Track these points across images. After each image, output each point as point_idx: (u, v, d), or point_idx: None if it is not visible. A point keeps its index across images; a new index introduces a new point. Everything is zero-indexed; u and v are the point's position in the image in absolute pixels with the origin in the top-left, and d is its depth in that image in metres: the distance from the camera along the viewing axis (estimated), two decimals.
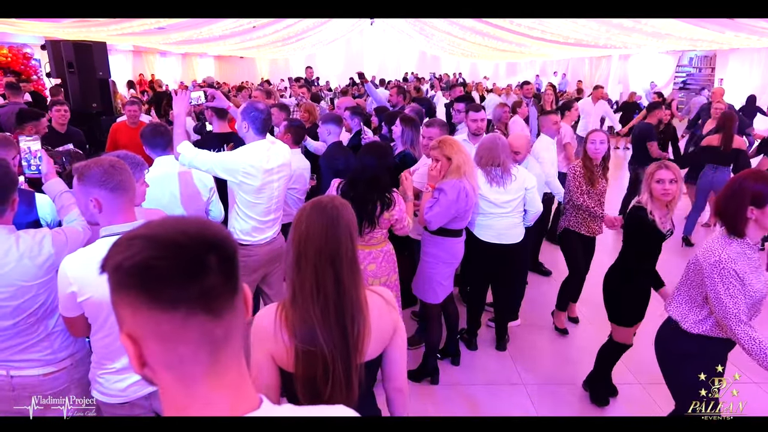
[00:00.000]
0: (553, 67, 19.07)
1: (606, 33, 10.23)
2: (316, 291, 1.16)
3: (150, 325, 0.56)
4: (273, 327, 1.17)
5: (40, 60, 10.79)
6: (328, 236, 1.18)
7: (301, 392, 1.16)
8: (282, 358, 1.17)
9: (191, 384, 0.58)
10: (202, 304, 0.56)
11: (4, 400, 1.60)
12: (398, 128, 3.39)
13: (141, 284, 0.55)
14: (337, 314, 1.17)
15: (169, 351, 0.57)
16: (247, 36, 13.29)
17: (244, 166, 2.31)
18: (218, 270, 0.57)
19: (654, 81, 13.74)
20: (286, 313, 1.18)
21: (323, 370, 1.15)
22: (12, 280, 1.50)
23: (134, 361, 0.58)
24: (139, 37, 11.63)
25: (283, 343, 1.16)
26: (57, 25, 8.70)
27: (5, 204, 1.53)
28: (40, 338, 1.60)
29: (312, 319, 1.15)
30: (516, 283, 3.44)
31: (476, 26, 11.83)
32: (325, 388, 1.15)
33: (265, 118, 2.41)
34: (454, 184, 2.55)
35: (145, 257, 0.54)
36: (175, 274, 0.54)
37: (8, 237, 1.53)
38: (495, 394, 2.80)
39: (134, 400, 1.58)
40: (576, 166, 3.22)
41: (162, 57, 17.14)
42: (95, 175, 1.45)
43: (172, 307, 0.55)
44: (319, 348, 1.14)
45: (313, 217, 1.20)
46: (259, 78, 19.72)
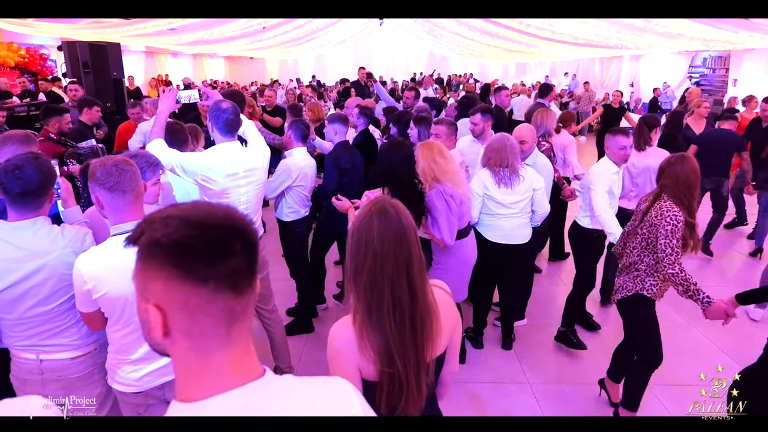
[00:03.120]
0: (563, 67, 18.94)
1: (617, 33, 10.13)
2: (392, 306, 1.14)
3: (180, 298, 0.61)
4: (357, 342, 1.16)
5: (56, 60, 11.01)
6: (402, 245, 1.15)
7: (384, 405, 1.17)
8: (366, 370, 1.18)
9: (207, 353, 0.63)
10: (230, 282, 0.61)
11: (33, 383, 1.67)
12: (413, 130, 3.50)
13: (177, 260, 0.60)
14: (412, 325, 1.16)
15: (193, 322, 0.62)
16: (257, 37, 13.39)
17: (202, 168, 2.22)
18: (242, 254, 0.62)
19: (666, 81, 13.60)
20: (364, 327, 1.16)
21: (399, 386, 1.16)
22: (55, 267, 1.58)
23: (158, 331, 0.62)
24: (152, 38, 11.79)
25: (368, 356, 1.16)
26: (73, 27, 8.86)
27: (45, 196, 1.61)
28: (69, 324, 1.67)
29: (388, 336, 1.14)
30: (522, 282, 3.45)
31: (485, 27, 11.79)
32: (400, 400, 1.17)
33: (228, 117, 2.28)
34: (436, 194, 2.47)
35: (183, 235, 0.60)
36: (208, 252, 0.60)
37: (53, 227, 1.63)
38: (500, 393, 2.81)
39: (148, 390, 1.63)
40: (676, 216, 2.16)
41: (173, 57, 17.36)
42: (96, 175, 1.52)
43: (203, 282, 0.60)
44: (395, 368, 1.15)
45: (384, 228, 1.15)
46: (269, 78, 19.86)
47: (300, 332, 3.41)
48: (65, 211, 1.94)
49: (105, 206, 1.55)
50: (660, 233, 2.18)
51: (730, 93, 11.57)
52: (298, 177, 3.17)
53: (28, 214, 1.58)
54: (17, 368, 1.68)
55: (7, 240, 1.56)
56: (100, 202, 1.54)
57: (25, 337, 1.63)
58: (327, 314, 3.72)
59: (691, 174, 2.21)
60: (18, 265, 1.55)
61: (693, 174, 2.21)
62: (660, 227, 2.18)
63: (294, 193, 3.22)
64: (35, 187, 1.55)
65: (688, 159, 2.25)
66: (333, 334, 1.21)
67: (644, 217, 2.29)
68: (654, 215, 2.23)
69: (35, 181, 1.54)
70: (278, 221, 3.38)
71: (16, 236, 1.56)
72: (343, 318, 1.22)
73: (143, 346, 1.58)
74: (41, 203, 1.60)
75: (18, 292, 1.57)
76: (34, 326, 1.62)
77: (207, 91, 2.64)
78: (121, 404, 1.70)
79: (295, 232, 3.32)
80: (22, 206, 1.57)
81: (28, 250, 1.56)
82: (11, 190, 1.53)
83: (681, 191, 2.19)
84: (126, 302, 1.51)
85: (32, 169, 1.54)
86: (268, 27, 12.18)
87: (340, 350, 1.18)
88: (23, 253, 1.55)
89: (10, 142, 2.21)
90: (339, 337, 1.19)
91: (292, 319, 3.52)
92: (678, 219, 2.15)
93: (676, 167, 2.22)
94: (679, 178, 2.20)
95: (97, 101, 4.55)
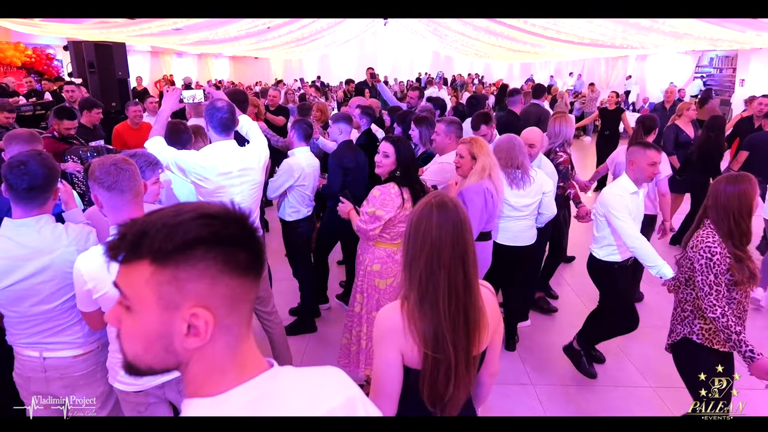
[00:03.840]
0: (568, 67, 18.86)
1: (622, 33, 10.07)
2: (448, 294, 1.16)
3: (226, 292, 0.61)
4: (402, 325, 1.17)
5: (62, 60, 11.09)
6: (459, 237, 1.18)
7: (426, 393, 1.18)
8: (409, 356, 1.19)
9: (237, 343, 0.64)
10: (259, 267, 0.63)
11: (37, 381, 1.67)
12: (415, 131, 3.47)
13: (225, 254, 0.59)
14: (465, 315, 1.18)
15: (234, 313, 0.62)
16: (261, 37, 13.43)
17: (194, 166, 2.24)
18: (257, 241, 0.64)
19: (673, 81, 13.52)
20: (412, 313, 1.18)
21: (445, 374, 1.17)
22: (58, 265, 1.58)
23: (205, 334, 0.59)
24: (157, 38, 11.84)
25: (413, 342, 1.17)
26: (79, 27, 8.92)
27: (50, 192, 1.62)
28: (72, 322, 1.67)
29: (441, 324, 1.15)
30: (527, 284, 3.43)
31: (490, 26, 11.76)
32: (447, 389, 1.18)
33: (223, 116, 2.29)
34: (477, 188, 2.51)
35: (227, 229, 0.60)
36: (246, 241, 0.61)
37: (57, 225, 1.63)
38: (504, 394, 2.79)
39: (148, 389, 1.63)
40: (710, 248, 1.83)
41: (178, 57, 17.45)
42: (95, 174, 1.52)
43: (245, 272, 0.62)
44: (446, 354, 1.16)
45: (442, 220, 1.18)
46: (273, 78, 19.91)
47: (303, 332, 3.41)
48: (66, 213, 1.95)
49: (104, 205, 1.55)
50: (695, 268, 1.86)
51: (738, 93, 11.47)
52: (301, 176, 3.16)
53: (33, 211, 1.59)
54: (21, 366, 1.69)
55: (11, 237, 1.56)
56: (100, 201, 1.54)
57: (29, 335, 1.64)
58: (330, 314, 3.71)
59: (739, 199, 1.80)
60: (22, 262, 1.55)
61: (741, 199, 1.80)
62: (695, 261, 1.86)
63: (296, 192, 3.21)
64: (41, 182, 1.56)
65: (741, 180, 1.84)
66: (381, 316, 1.23)
67: (685, 246, 1.96)
68: (691, 245, 1.91)
69: (40, 176, 1.55)
70: (281, 221, 3.39)
71: (21, 233, 1.57)
72: (392, 303, 1.25)
73: None
74: (46, 199, 1.61)
75: (21, 290, 1.57)
76: (37, 324, 1.63)
77: (212, 91, 2.63)
78: (122, 403, 1.70)
79: (298, 232, 3.32)
80: (27, 202, 1.57)
81: (32, 248, 1.56)
82: (17, 186, 1.54)
83: (720, 216, 1.84)
84: None
85: (36, 164, 1.55)
86: (272, 27, 12.21)
87: (386, 333, 1.20)
88: (27, 251, 1.56)
89: (16, 140, 2.23)
90: (387, 319, 1.21)
91: (295, 318, 3.51)
92: (713, 251, 1.80)
93: (720, 186, 1.87)
94: (719, 199, 1.85)
95: (98, 103, 4.50)
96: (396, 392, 1.21)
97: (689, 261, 1.92)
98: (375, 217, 2.31)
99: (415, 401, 1.21)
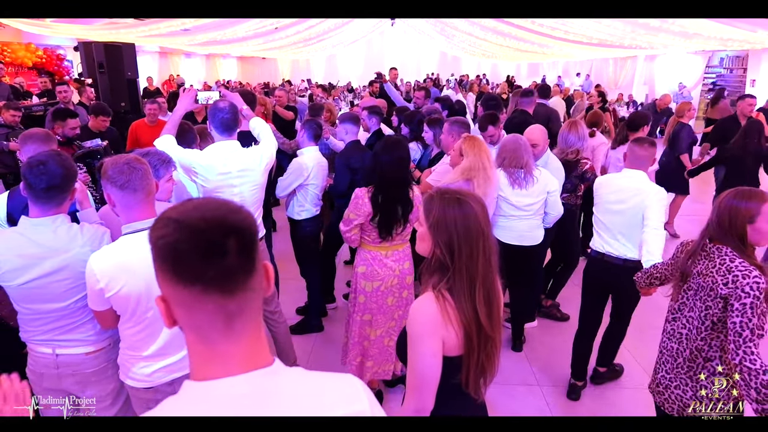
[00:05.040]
0: (576, 68, 18.73)
1: (631, 33, 9.99)
2: (482, 282, 1.22)
3: (175, 294, 0.65)
4: (441, 315, 1.21)
5: (72, 61, 11.22)
6: (489, 229, 1.27)
7: (473, 376, 1.23)
8: (449, 343, 1.23)
9: (210, 343, 0.67)
10: (217, 283, 0.64)
11: (49, 377, 1.70)
12: (429, 133, 3.52)
13: (170, 261, 0.64)
14: (493, 302, 1.25)
15: (190, 316, 0.67)
16: (269, 37, 13.48)
17: (195, 165, 2.27)
18: (237, 252, 0.64)
19: (682, 82, 13.38)
20: (447, 302, 1.22)
21: (487, 354, 1.24)
22: (73, 265, 1.61)
23: (166, 319, 0.69)
24: (165, 39, 11.94)
25: (453, 330, 1.21)
26: (88, 27, 9.02)
27: (68, 192, 1.64)
28: (85, 320, 1.69)
29: (475, 308, 1.21)
30: (533, 284, 3.42)
31: (498, 26, 11.72)
32: (491, 368, 1.26)
33: (224, 117, 2.32)
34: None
35: (174, 240, 0.63)
36: (195, 257, 0.63)
37: (72, 225, 1.65)
38: (510, 395, 2.79)
39: (158, 385, 1.65)
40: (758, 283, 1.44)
41: (187, 58, 17.58)
42: (108, 173, 1.54)
43: (191, 283, 0.64)
44: (486, 334, 1.22)
45: (481, 212, 1.24)
46: (281, 78, 19.99)
47: (309, 331, 3.42)
48: (81, 212, 1.97)
49: (116, 204, 1.56)
50: (733, 307, 1.44)
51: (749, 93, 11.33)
52: (309, 176, 3.19)
53: (50, 211, 1.61)
54: (34, 362, 1.71)
55: (26, 236, 1.59)
56: (112, 200, 1.56)
57: (42, 332, 1.66)
58: (336, 313, 3.72)
59: (750, 215, 1.47)
60: (38, 261, 1.57)
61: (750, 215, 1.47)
62: (733, 298, 1.45)
63: (305, 191, 3.24)
64: (59, 182, 1.58)
65: (755, 196, 1.51)
66: (418, 310, 1.25)
67: (685, 274, 1.59)
68: (723, 281, 1.48)
69: (59, 176, 1.57)
70: (289, 219, 3.41)
71: (36, 232, 1.59)
72: (424, 296, 1.27)
73: (155, 343, 1.60)
74: (63, 199, 1.63)
75: (36, 287, 1.59)
76: (50, 321, 1.65)
77: (227, 93, 2.63)
78: (133, 399, 1.72)
79: (306, 231, 3.34)
80: (45, 201, 1.59)
81: (48, 247, 1.58)
82: (36, 185, 1.56)
83: (725, 235, 1.53)
84: (138, 300, 1.53)
85: (55, 164, 1.57)
86: (280, 27, 12.26)
87: (425, 325, 1.22)
88: (41, 250, 1.58)
89: (31, 140, 2.26)
90: (424, 313, 1.24)
91: (302, 318, 3.53)
92: (761, 288, 1.42)
93: (726, 200, 1.53)
94: (722, 215, 1.53)
95: (106, 110, 4.36)
96: (437, 383, 1.24)
97: (718, 300, 1.50)
98: (349, 220, 2.35)
99: (448, 388, 1.25)
